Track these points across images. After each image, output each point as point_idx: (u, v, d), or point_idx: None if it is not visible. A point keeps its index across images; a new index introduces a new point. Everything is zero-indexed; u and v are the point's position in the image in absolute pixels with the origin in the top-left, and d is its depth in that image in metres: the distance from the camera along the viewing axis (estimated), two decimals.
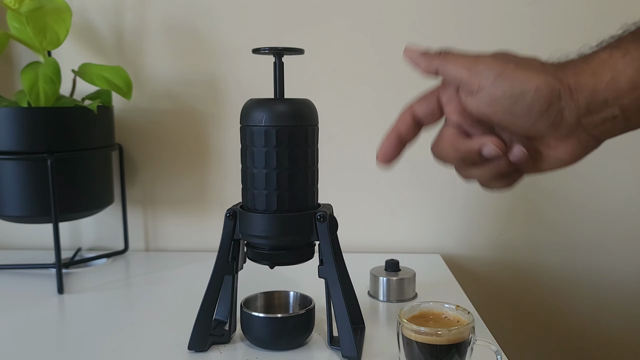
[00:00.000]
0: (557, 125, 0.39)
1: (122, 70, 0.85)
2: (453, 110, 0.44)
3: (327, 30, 0.93)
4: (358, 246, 0.97)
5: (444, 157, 0.45)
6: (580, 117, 0.39)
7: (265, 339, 0.59)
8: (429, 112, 0.45)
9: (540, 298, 0.99)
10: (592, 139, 0.40)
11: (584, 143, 0.40)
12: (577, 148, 0.41)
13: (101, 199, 0.87)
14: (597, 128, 0.39)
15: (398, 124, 0.46)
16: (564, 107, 0.38)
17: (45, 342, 0.63)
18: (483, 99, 0.40)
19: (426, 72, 0.44)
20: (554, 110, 0.38)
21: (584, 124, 0.39)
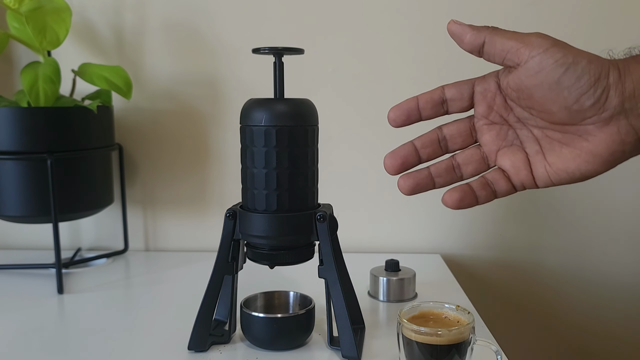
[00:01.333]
0: (600, 104, 0.38)
1: (122, 70, 0.85)
2: (483, 99, 0.43)
3: (327, 30, 0.93)
4: (358, 246, 0.97)
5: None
6: (624, 101, 0.37)
7: (265, 339, 0.59)
8: (459, 96, 0.44)
9: (540, 298, 0.99)
10: (632, 132, 0.38)
11: (624, 136, 0.38)
12: (615, 140, 0.39)
13: (101, 199, 0.87)
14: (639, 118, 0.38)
15: (422, 94, 0.45)
16: (610, 86, 0.37)
17: (45, 342, 0.63)
18: (531, 69, 0.39)
19: (472, 44, 0.41)
20: (601, 86, 0.37)
21: (627, 109, 0.38)
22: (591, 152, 0.40)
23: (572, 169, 0.41)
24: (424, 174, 0.45)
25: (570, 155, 0.41)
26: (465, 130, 0.45)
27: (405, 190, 0.45)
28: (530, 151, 0.43)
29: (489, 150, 0.44)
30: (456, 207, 0.43)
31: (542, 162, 0.42)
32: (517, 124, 0.43)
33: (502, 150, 0.44)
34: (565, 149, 0.41)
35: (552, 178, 0.42)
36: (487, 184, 0.43)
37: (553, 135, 0.42)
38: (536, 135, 0.43)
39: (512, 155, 0.43)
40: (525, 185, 0.43)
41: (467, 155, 0.45)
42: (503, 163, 0.44)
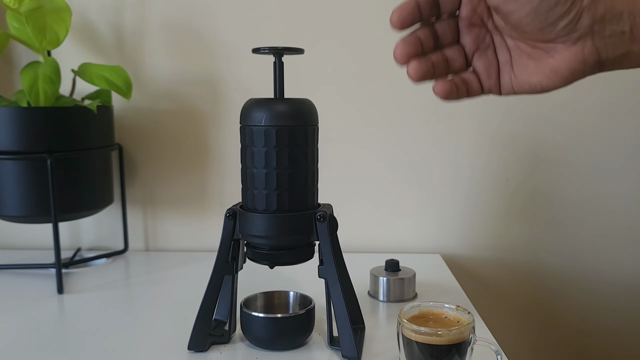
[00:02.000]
0: (573, 24, 0.40)
1: (121, 70, 0.85)
2: (469, 1, 0.45)
3: (327, 30, 0.93)
4: (358, 246, 0.97)
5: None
6: (594, 24, 0.40)
7: (265, 339, 0.59)
8: None
9: (540, 298, 0.99)
10: (594, 53, 0.41)
11: (586, 56, 0.41)
12: (578, 60, 0.41)
13: (101, 198, 0.87)
14: (603, 40, 0.41)
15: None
16: (584, 9, 0.40)
17: (45, 342, 0.63)
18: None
19: None
20: (574, 9, 0.40)
21: (595, 31, 0.40)
22: (554, 68, 0.43)
23: (533, 82, 0.44)
24: (430, 62, 0.46)
25: (534, 69, 0.44)
26: (454, 28, 0.47)
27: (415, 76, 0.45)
28: (501, 59, 0.46)
29: (468, 51, 0.47)
30: (444, 97, 0.46)
31: (508, 72, 0.45)
32: (494, 30, 0.46)
33: (478, 52, 0.47)
34: (531, 62, 0.44)
35: (514, 88, 0.45)
36: (465, 82, 0.47)
37: (524, 47, 0.44)
38: (509, 45, 0.46)
39: (485, 59, 0.46)
40: (491, 90, 0.47)
41: (454, 52, 0.47)
42: (477, 65, 0.47)
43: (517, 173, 0.96)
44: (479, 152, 0.95)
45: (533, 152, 0.95)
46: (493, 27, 0.46)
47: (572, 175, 0.95)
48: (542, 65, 0.43)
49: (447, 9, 0.46)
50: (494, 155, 0.95)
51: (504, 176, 0.96)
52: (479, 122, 0.94)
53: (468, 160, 0.96)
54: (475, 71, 0.47)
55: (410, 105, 0.93)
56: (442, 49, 0.47)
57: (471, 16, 0.46)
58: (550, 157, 0.95)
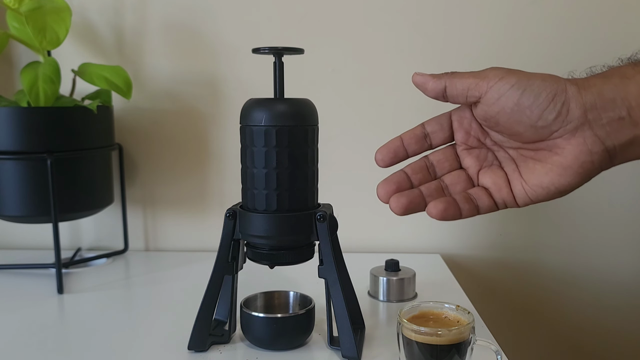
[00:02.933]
0: (563, 116, 0.40)
1: (121, 70, 0.85)
2: (460, 126, 0.46)
3: (327, 30, 0.93)
4: (358, 246, 0.97)
5: None
6: (586, 112, 0.39)
7: (265, 339, 0.59)
8: (438, 127, 0.47)
9: (540, 298, 0.99)
10: (598, 143, 0.40)
11: (590, 146, 0.40)
12: (583, 151, 0.40)
13: (101, 199, 0.87)
14: (603, 128, 0.39)
15: (405, 132, 0.48)
16: (570, 99, 0.39)
17: (45, 342, 0.63)
18: (491, 97, 0.41)
19: (435, 90, 0.45)
20: (560, 100, 0.39)
21: (590, 120, 0.39)
22: (561, 164, 0.41)
23: (546, 183, 0.42)
24: (416, 193, 0.46)
25: (542, 170, 0.42)
26: (451, 155, 0.48)
27: (398, 210, 0.45)
28: (508, 170, 0.45)
29: (472, 172, 0.47)
30: (440, 218, 0.44)
31: (518, 180, 0.44)
32: (494, 146, 0.46)
33: (483, 170, 0.46)
34: (538, 165, 0.43)
35: (529, 195, 0.44)
36: (470, 199, 0.45)
37: (527, 153, 0.44)
38: (512, 156, 0.45)
39: (492, 174, 0.45)
40: (506, 203, 0.45)
41: (454, 176, 0.47)
42: (485, 181, 0.46)
43: None
44: None
45: None
46: (492, 144, 0.46)
47: None
48: (550, 165, 0.42)
49: (438, 141, 0.47)
50: None
51: None
52: None
53: None
54: (483, 187, 0.46)
55: (410, 105, 0.93)
56: (441, 177, 0.47)
57: (467, 139, 0.46)
58: None
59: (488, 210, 0.45)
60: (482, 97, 0.42)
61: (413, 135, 0.47)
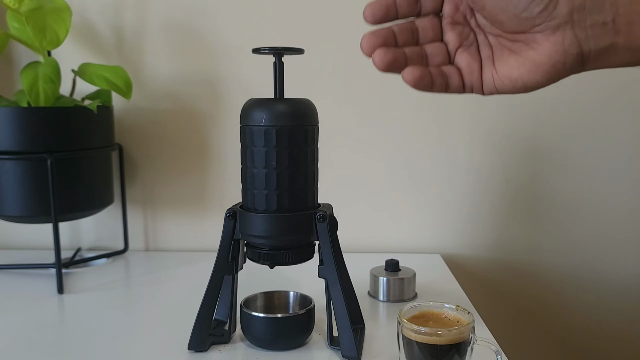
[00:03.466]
0: (549, 11, 0.39)
1: (122, 70, 0.85)
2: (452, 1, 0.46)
3: (327, 30, 0.93)
4: (358, 246, 0.97)
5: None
6: (573, 11, 0.39)
7: (265, 339, 0.59)
8: None
9: (540, 298, 0.99)
10: (575, 44, 0.40)
11: (567, 47, 0.40)
12: (559, 50, 0.40)
13: (101, 199, 0.87)
14: (585, 30, 0.40)
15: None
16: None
17: (45, 342, 0.63)
18: None
19: None
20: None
21: (574, 20, 0.39)
22: (534, 60, 0.41)
23: (514, 76, 0.43)
24: (400, 52, 0.45)
25: (515, 63, 0.43)
26: (436, 25, 0.47)
27: (381, 64, 0.45)
28: (483, 55, 0.45)
29: (451, 48, 0.47)
30: (414, 85, 0.44)
31: (490, 68, 0.44)
32: (477, 28, 0.46)
33: (460, 49, 0.46)
34: (512, 56, 0.43)
35: (496, 85, 0.44)
36: (443, 74, 0.46)
37: (505, 43, 0.44)
38: (491, 42, 0.45)
39: (468, 55, 0.46)
40: (473, 88, 0.46)
41: (435, 47, 0.47)
42: (460, 61, 0.46)
43: (517, 173, 0.96)
44: (479, 152, 0.95)
45: (533, 152, 0.95)
46: (476, 26, 0.46)
47: (572, 175, 0.95)
48: (523, 58, 0.42)
49: (428, 8, 0.46)
50: (494, 155, 0.95)
51: (504, 176, 0.96)
52: (479, 122, 0.94)
53: (468, 161, 0.96)
54: (457, 66, 0.46)
55: (410, 105, 0.93)
56: (422, 45, 0.47)
57: (454, 14, 0.46)
58: (550, 156, 0.95)
59: (456, 91, 0.46)
60: None
61: None
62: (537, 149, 0.95)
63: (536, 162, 0.96)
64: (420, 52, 0.46)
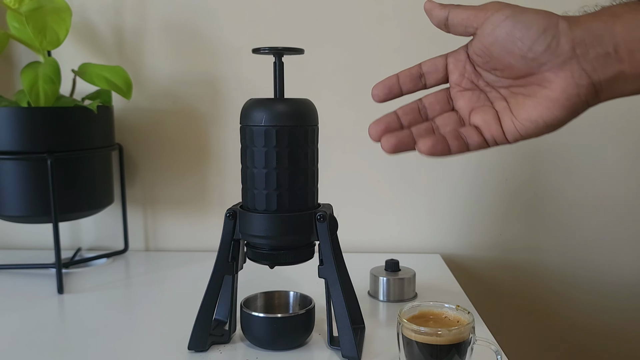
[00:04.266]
0: (552, 49, 0.42)
1: (122, 70, 0.85)
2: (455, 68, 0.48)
3: (327, 30, 0.93)
4: (358, 246, 0.97)
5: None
6: (575, 47, 0.41)
7: (265, 339, 0.59)
8: (434, 68, 0.49)
9: (540, 298, 0.99)
10: (585, 76, 0.42)
11: (577, 79, 0.42)
12: (570, 84, 0.42)
13: (101, 199, 0.87)
14: (590, 63, 0.41)
15: (402, 71, 0.50)
16: (560, 34, 0.41)
17: (45, 342, 0.63)
18: (487, 28, 0.44)
19: (439, 17, 0.47)
20: (550, 33, 0.42)
21: (578, 55, 0.41)
22: (549, 97, 0.43)
23: (534, 117, 0.44)
24: (406, 133, 0.49)
25: (532, 105, 0.44)
26: (443, 98, 0.50)
27: (388, 148, 0.48)
28: (498, 108, 0.47)
29: (464, 113, 0.49)
30: (429, 154, 0.46)
31: (509, 116, 0.46)
32: (487, 87, 0.48)
33: (474, 110, 0.48)
34: (528, 100, 0.45)
35: (519, 129, 0.45)
36: (459, 136, 0.47)
37: (518, 90, 0.46)
38: (503, 95, 0.47)
39: (483, 113, 0.47)
40: (496, 140, 0.47)
41: (445, 118, 0.49)
42: (475, 119, 0.48)
43: (516, 173, 0.96)
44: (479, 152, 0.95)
45: (533, 151, 0.95)
46: (485, 85, 0.48)
47: (572, 175, 0.95)
48: (539, 99, 0.44)
49: (432, 82, 0.49)
50: (493, 155, 0.95)
51: (504, 176, 0.96)
52: None
53: (468, 160, 0.96)
54: (474, 125, 0.48)
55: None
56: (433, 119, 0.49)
57: (460, 81, 0.48)
58: (550, 156, 0.95)
59: (478, 148, 0.47)
60: (479, 27, 0.44)
61: (409, 73, 0.50)
62: (537, 149, 0.95)
63: (536, 162, 0.95)
64: (429, 126, 0.49)
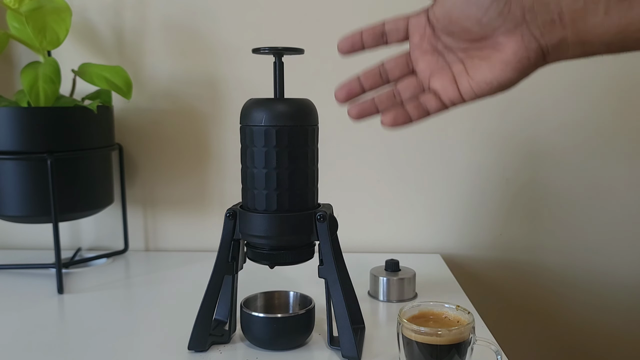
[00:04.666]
0: (505, 14, 0.44)
1: (122, 70, 0.85)
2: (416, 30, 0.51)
3: (327, 30, 0.93)
4: (358, 246, 0.97)
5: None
6: (525, 13, 0.44)
7: (265, 339, 0.59)
8: (395, 28, 0.52)
9: (540, 298, 0.99)
10: (533, 41, 0.44)
11: (527, 43, 0.45)
12: (520, 47, 0.45)
13: (101, 199, 0.87)
14: (538, 28, 0.44)
15: (366, 27, 0.53)
16: (512, 0, 0.44)
17: (45, 342, 0.63)
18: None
19: None
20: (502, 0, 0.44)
21: (527, 20, 0.44)
22: (502, 60, 0.46)
23: (489, 78, 0.47)
24: (368, 102, 0.53)
25: (487, 67, 0.47)
26: (402, 62, 0.52)
27: (353, 115, 0.53)
28: (455, 70, 0.49)
29: (424, 77, 0.51)
30: (391, 126, 0.51)
31: (465, 78, 0.48)
32: (445, 49, 0.50)
33: (433, 74, 0.50)
34: (483, 62, 0.47)
35: (474, 90, 0.48)
36: (419, 105, 0.51)
37: (474, 53, 0.48)
38: (460, 57, 0.49)
39: (441, 77, 0.50)
40: (453, 101, 0.50)
41: (405, 83, 0.52)
42: (434, 84, 0.50)
43: (516, 173, 0.96)
44: (479, 152, 0.95)
45: (533, 151, 0.95)
46: (443, 47, 0.50)
47: (572, 175, 0.95)
48: (493, 61, 0.47)
49: (393, 40, 0.52)
50: (493, 155, 0.95)
51: (504, 176, 0.96)
52: (478, 122, 0.94)
53: (468, 160, 0.96)
54: (433, 90, 0.50)
55: None
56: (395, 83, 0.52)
57: (420, 43, 0.51)
58: (550, 156, 0.95)
59: (437, 111, 0.51)
60: None
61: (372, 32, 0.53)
62: (537, 149, 0.95)
63: (536, 162, 0.96)
64: (390, 92, 0.52)
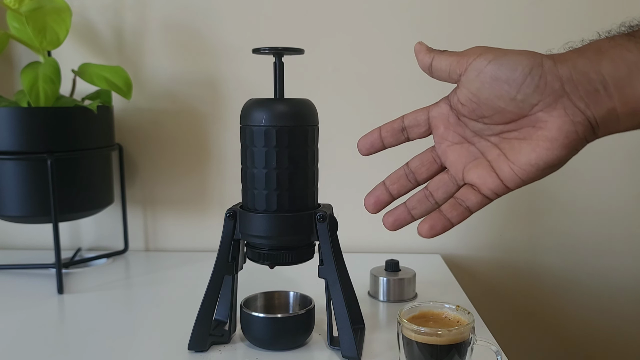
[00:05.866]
0: (541, 89, 0.40)
1: (122, 70, 0.85)
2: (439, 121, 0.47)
3: (327, 30, 0.93)
4: (358, 246, 0.97)
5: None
6: (563, 84, 0.40)
7: (265, 339, 0.59)
8: (415, 122, 0.49)
9: (540, 298, 0.99)
10: (578, 113, 0.40)
11: (571, 116, 0.40)
12: (566, 121, 0.40)
13: (101, 199, 0.87)
14: (581, 99, 0.40)
15: (384, 124, 0.50)
16: (546, 72, 0.40)
17: (45, 342, 0.63)
18: (471, 74, 0.43)
19: (422, 62, 0.47)
20: (536, 73, 0.40)
21: (568, 92, 0.40)
22: (547, 137, 0.41)
23: (534, 159, 0.42)
24: (401, 209, 0.50)
25: (529, 147, 0.42)
26: (428, 159, 0.49)
27: (389, 227, 0.50)
28: (491, 157, 0.45)
29: (456, 171, 0.47)
30: (430, 236, 0.47)
31: (505, 163, 0.44)
32: (475, 137, 0.46)
33: (467, 167, 0.46)
34: (523, 143, 0.42)
35: (519, 175, 0.43)
36: (457, 204, 0.46)
37: (510, 135, 0.44)
38: (494, 142, 0.45)
39: (475, 168, 0.45)
40: (496, 192, 0.45)
41: (435, 181, 0.49)
42: (469, 177, 0.46)
43: None
44: None
45: None
46: (472, 135, 0.46)
47: (572, 176, 0.95)
48: (536, 140, 0.42)
49: (415, 135, 0.49)
50: None
51: None
52: None
53: None
54: (470, 184, 0.46)
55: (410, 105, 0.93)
56: (426, 185, 0.49)
57: (446, 135, 0.47)
58: None
59: (480, 207, 0.46)
60: (462, 74, 0.43)
61: (391, 128, 0.50)
62: None
63: None
64: (421, 195, 0.49)
